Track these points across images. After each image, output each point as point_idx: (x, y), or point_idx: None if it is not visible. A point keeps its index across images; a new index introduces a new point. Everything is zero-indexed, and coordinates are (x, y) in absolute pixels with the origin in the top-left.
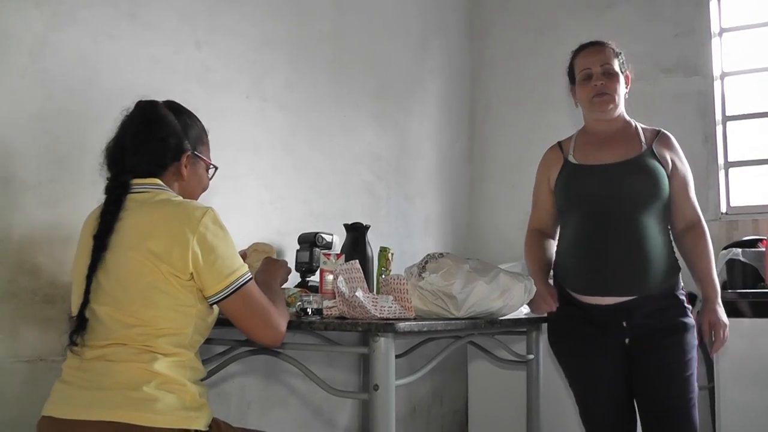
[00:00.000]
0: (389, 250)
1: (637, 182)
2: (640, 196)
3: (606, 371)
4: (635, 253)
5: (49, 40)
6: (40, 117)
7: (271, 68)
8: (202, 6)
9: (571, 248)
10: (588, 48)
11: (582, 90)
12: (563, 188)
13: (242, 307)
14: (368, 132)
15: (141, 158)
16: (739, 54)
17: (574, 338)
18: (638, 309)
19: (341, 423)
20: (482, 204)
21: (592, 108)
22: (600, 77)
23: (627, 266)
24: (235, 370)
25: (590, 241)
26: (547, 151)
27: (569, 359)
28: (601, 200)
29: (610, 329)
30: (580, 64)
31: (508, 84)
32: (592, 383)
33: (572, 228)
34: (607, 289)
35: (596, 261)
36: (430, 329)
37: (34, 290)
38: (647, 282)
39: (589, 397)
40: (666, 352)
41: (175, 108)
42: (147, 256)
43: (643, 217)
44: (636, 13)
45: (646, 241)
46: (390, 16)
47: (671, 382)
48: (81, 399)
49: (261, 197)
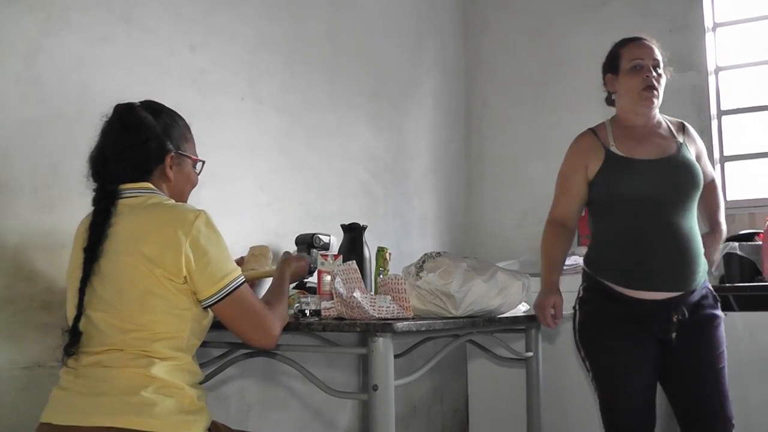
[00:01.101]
0: (387, 250)
1: (684, 178)
2: (686, 191)
3: (644, 366)
4: (684, 249)
5: (43, 45)
6: (35, 122)
7: (266, 70)
8: (197, 8)
9: (614, 242)
10: (639, 40)
11: (631, 79)
12: (608, 180)
13: (235, 310)
14: (365, 132)
15: (124, 165)
16: (734, 48)
17: (612, 333)
18: (684, 303)
19: (341, 424)
20: (479, 203)
21: (639, 100)
22: (651, 70)
23: (677, 262)
24: (234, 372)
25: (638, 236)
26: (581, 138)
27: (604, 354)
28: (651, 196)
29: (656, 323)
30: (631, 53)
31: (503, 82)
32: (627, 378)
33: (615, 222)
34: (657, 284)
35: (645, 256)
36: (428, 329)
37: (32, 296)
38: (694, 277)
39: (619, 393)
40: (703, 345)
41: (154, 108)
42: (141, 261)
43: (687, 211)
44: (630, 9)
45: (691, 236)
46: (385, 16)
47: (707, 374)
48: (79, 405)
49: (258, 199)
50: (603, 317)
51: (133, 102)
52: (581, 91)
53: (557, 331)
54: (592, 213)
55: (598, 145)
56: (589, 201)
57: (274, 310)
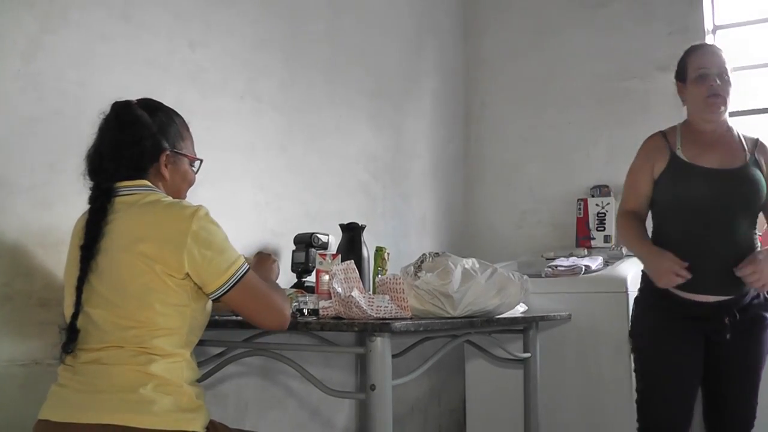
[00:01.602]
0: (385, 249)
1: (745, 192)
2: (745, 204)
3: (692, 366)
4: (737, 255)
5: (42, 42)
6: (34, 119)
7: (265, 69)
8: (196, 6)
9: (673, 245)
10: (705, 48)
11: (697, 88)
12: (670, 183)
13: (246, 296)
14: (364, 132)
15: (118, 164)
16: (734, 51)
17: (664, 331)
18: (734, 306)
19: (339, 423)
20: (478, 203)
21: (705, 107)
22: (716, 78)
23: (729, 269)
24: (232, 371)
25: (696, 242)
26: (651, 139)
27: (653, 349)
28: (711, 204)
29: (710, 324)
30: (697, 62)
31: (502, 83)
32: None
33: (674, 225)
34: (710, 288)
35: (701, 261)
36: (426, 329)
37: (29, 293)
38: (743, 283)
39: (662, 388)
40: (752, 345)
41: (151, 106)
42: (140, 258)
43: (743, 221)
44: (629, 12)
45: (744, 244)
46: (385, 16)
47: (746, 373)
48: (77, 402)
49: (256, 198)
50: (656, 315)
51: (130, 100)
52: (580, 92)
53: (554, 333)
54: (654, 214)
55: (665, 146)
56: (652, 202)
57: (280, 292)
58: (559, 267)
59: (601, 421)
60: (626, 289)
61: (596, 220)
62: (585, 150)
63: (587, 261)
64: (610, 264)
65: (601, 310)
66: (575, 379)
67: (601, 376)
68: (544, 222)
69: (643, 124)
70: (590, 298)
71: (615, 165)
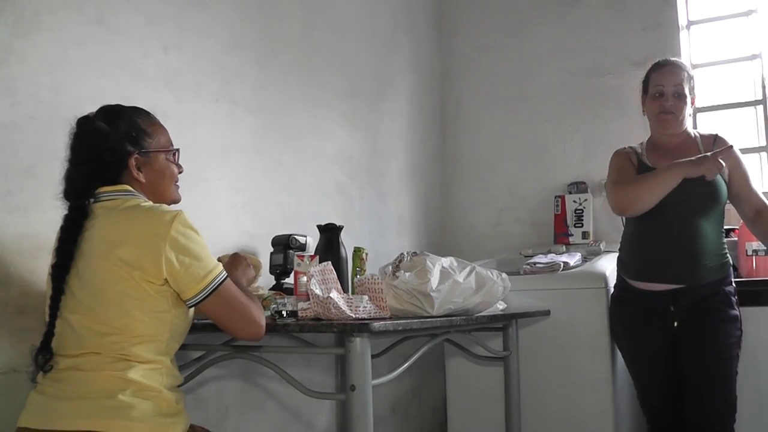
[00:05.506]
0: (363, 250)
1: (703, 191)
2: (698, 203)
3: (655, 350)
4: (685, 248)
5: (14, 47)
6: (7, 125)
7: (240, 71)
8: (170, 9)
9: (630, 241)
10: (666, 67)
11: (652, 104)
12: None
13: (222, 306)
14: (339, 132)
15: (86, 180)
16: (708, 46)
17: (630, 323)
18: (685, 296)
19: (320, 425)
20: (455, 202)
21: (657, 123)
22: (670, 98)
23: (675, 259)
24: (212, 374)
25: (648, 236)
26: (620, 150)
27: (625, 341)
28: (669, 203)
29: (658, 312)
30: (656, 80)
31: (478, 81)
32: (645, 361)
33: (633, 224)
34: (656, 276)
35: (650, 253)
36: (405, 328)
37: (6, 301)
38: (694, 274)
39: (643, 376)
40: (709, 335)
41: (111, 113)
42: (118, 264)
43: (698, 219)
44: (603, 8)
45: (697, 239)
46: (359, 16)
47: (712, 360)
48: (56, 409)
49: (233, 200)
50: (624, 309)
51: (89, 114)
52: (555, 89)
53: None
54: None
55: (633, 154)
56: None
57: (256, 302)
58: (537, 264)
59: (581, 415)
60: (605, 284)
61: (574, 216)
62: (561, 146)
63: (566, 257)
64: (588, 260)
65: (580, 306)
66: (556, 374)
67: (581, 371)
68: (522, 219)
69: (618, 120)
70: (569, 294)
71: (591, 161)
